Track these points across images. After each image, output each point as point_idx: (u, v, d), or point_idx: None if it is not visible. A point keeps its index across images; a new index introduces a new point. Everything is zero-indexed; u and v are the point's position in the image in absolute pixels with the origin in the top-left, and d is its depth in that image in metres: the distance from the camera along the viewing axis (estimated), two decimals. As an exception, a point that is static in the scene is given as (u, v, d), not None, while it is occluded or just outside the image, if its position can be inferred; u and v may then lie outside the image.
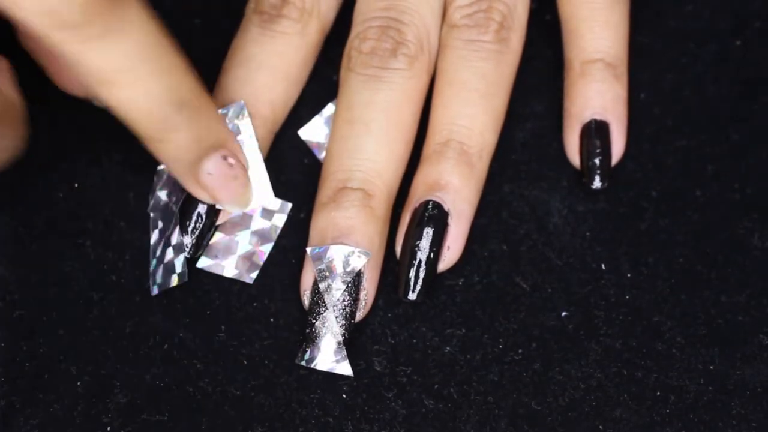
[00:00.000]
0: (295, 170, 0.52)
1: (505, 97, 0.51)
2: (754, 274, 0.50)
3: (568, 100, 0.51)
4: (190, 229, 0.49)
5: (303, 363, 0.48)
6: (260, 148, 0.49)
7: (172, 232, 0.49)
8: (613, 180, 0.51)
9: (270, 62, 0.50)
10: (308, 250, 0.48)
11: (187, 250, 0.49)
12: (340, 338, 0.48)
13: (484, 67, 0.50)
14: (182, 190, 0.48)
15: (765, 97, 0.54)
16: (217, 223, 0.50)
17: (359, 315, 0.48)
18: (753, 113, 0.53)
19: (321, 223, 0.49)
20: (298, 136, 0.53)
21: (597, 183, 0.51)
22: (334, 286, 0.48)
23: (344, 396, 0.48)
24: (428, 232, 0.49)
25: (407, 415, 0.48)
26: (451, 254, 0.49)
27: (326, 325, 0.48)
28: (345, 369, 0.48)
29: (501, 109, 0.51)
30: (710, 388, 0.48)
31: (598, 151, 0.51)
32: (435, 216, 0.49)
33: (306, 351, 0.48)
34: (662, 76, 0.54)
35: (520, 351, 0.49)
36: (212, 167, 0.46)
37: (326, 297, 0.48)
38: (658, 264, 0.50)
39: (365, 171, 0.49)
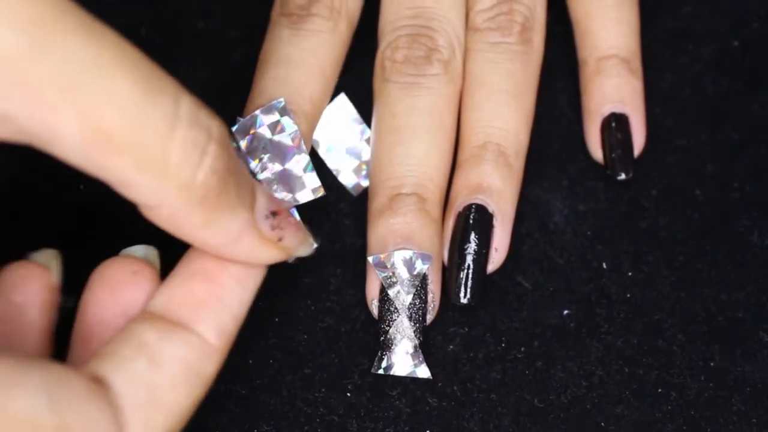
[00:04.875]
0: (297, 171, 0.52)
1: (533, 96, 0.51)
2: (753, 271, 0.51)
3: (586, 97, 0.52)
4: None
5: (381, 371, 0.48)
6: (305, 143, 0.50)
7: None
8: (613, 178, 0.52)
9: (306, 60, 0.50)
10: (369, 258, 0.48)
11: None
12: (416, 342, 0.48)
13: (511, 68, 0.51)
14: None
15: (763, 97, 0.54)
16: None
17: (429, 318, 0.49)
18: (752, 112, 0.54)
19: (380, 231, 0.49)
20: (300, 138, 0.53)
21: (622, 175, 0.51)
22: (404, 291, 0.48)
23: (348, 395, 0.49)
24: (475, 235, 0.49)
25: (411, 413, 0.48)
26: (498, 255, 0.49)
27: (400, 330, 0.48)
28: (424, 372, 0.48)
29: (530, 108, 0.51)
30: (711, 384, 0.49)
31: (620, 143, 0.51)
32: (481, 219, 0.49)
33: (383, 359, 0.48)
34: (661, 76, 0.54)
35: (522, 349, 0.49)
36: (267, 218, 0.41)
37: (398, 303, 0.48)
38: (658, 262, 0.51)
39: (417, 176, 0.49)
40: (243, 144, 0.49)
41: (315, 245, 0.43)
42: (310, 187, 0.50)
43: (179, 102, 0.37)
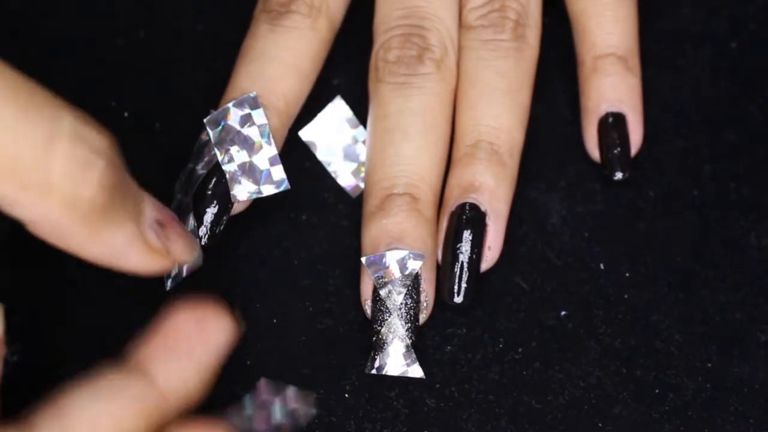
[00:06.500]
0: (295, 173, 0.52)
1: (528, 93, 0.51)
2: (751, 272, 0.51)
3: (584, 96, 0.52)
4: (204, 217, 0.49)
5: (373, 371, 0.48)
6: (275, 138, 0.50)
7: (185, 224, 0.49)
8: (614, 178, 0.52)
9: (281, 56, 0.51)
10: (363, 259, 0.48)
11: (202, 238, 0.49)
12: (408, 342, 0.48)
13: (504, 65, 0.51)
14: (195, 182, 0.49)
15: (761, 99, 0.54)
16: (232, 213, 0.50)
17: (422, 317, 0.49)
18: (749, 114, 0.54)
19: (372, 231, 0.49)
20: (297, 140, 0.53)
21: (618, 174, 0.51)
22: (395, 291, 0.48)
23: (347, 395, 0.49)
24: (468, 234, 0.49)
25: (409, 414, 0.48)
26: (492, 254, 0.50)
27: (392, 330, 0.48)
28: (416, 371, 0.48)
29: (525, 105, 0.51)
30: (708, 385, 0.49)
31: (616, 142, 0.51)
32: (473, 218, 0.49)
33: (375, 359, 0.48)
34: (659, 78, 0.54)
35: (520, 350, 0.49)
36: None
37: (389, 303, 0.48)
38: (656, 263, 0.51)
39: (409, 176, 0.49)
40: (213, 135, 0.49)
41: (199, 254, 0.46)
42: (275, 179, 0.50)
43: (59, 119, 0.38)
